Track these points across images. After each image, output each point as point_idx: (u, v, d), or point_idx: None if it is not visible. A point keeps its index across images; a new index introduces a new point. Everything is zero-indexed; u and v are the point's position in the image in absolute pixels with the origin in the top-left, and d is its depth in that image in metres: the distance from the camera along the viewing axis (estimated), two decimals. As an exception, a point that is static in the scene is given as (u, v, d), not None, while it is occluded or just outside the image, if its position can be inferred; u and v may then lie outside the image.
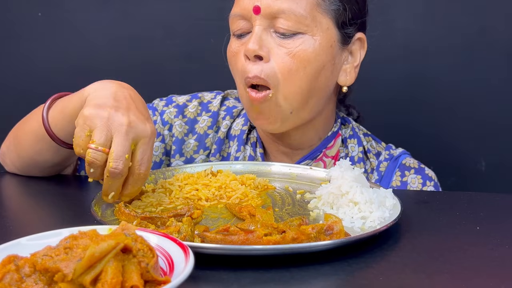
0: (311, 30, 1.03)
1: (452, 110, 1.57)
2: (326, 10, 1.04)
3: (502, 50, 1.52)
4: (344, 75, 1.11)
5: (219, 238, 0.71)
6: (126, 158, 0.81)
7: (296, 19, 1.02)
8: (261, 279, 0.66)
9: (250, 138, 1.20)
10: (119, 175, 0.82)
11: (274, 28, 1.04)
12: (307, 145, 1.16)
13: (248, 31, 1.06)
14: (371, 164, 1.18)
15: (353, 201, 0.86)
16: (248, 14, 1.04)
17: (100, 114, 0.84)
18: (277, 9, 1.02)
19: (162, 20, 1.64)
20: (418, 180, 1.15)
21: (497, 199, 1.02)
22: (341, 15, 1.06)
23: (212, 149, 1.20)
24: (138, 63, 1.65)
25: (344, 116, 1.23)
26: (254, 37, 1.03)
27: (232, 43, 1.09)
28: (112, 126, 0.82)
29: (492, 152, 1.57)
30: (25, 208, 0.99)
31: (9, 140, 1.12)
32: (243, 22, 1.06)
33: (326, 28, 1.05)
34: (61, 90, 1.63)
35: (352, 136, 1.19)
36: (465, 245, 0.78)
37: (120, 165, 0.81)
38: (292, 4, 1.02)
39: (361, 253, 0.73)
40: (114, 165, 0.81)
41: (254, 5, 1.03)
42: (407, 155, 1.20)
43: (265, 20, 1.03)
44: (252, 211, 0.83)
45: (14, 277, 0.55)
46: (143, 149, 0.84)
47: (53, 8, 1.65)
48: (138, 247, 0.57)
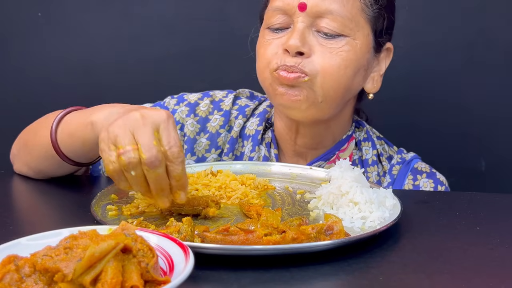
0: (353, 33, 1.04)
1: (452, 110, 1.57)
2: (368, 16, 1.06)
3: (502, 50, 1.52)
4: (371, 83, 1.13)
5: (219, 238, 0.71)
6: (155, 145, 0.78)
7: (342, 21, 1.03)
8: (261, 279, 0.66)
9: (265, 138, 1.20)
10: (156, 163, 0.77)
11: (316, 27, 1.04)
12: (322, 146, 1.17)
13: (286, 26, 1.06)
14: (383, 167, 1.19)
15: (353, 201, 0.86)
16: (292, 9, 1.04)
17: (114, 126, 0.81)
18: (325, 9, 1.02)
19: (162, 20, 1.64)
20: (430, 184, 1.16)
21: (497, 199, 1.02)
22: (380, 23, 1.08)
23: (225, 148, 1.20)
24: (138, 63, 1.65)
25: (358, 119, 1.24)
26: (296, 32, 1.03)
27: (265, 35, 1.09)
28: (130, 126, 0.80)
29: (492, 152, 1.57)
30: (25, 208, 0.99)
31: (19, 144, 1.12)
32: (283, 17, 1.06)
33: (367, 34, 1.06)
34: (61, 90, 1.64)
35: (367, 139, 1.20)
36: (465, 245, 0.78)
37: (153, 151, 0.77)
38: (340, 6, 1.03)
39: (361, 253, 0.73)
40: (148, 155, 0.77)
41: (300, 2, 1.03)
42: (418, 159, 1.21)
43: (308, 18, 1.03)
44: (259, 211, 0.83)
45: (14, 277, 0.55)
46: (166, 132, 0.81)
47: (53, 8, 1.65)
48: (138, 247, 0.57)
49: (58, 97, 1.61)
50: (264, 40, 1.09)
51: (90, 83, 1.66)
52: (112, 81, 1.65)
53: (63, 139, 0.98)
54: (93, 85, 1.66)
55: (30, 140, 1.08)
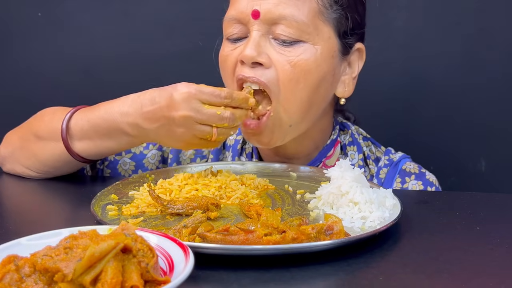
0: (312, 38, 0.99)
1: (452, 110, 1.56)
2: (328, 18, 1.01)
3: (502, 50, 1.52)
4: (342, 87, 1.08)
5: (219, 238, 0.71)
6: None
7: (297, 26, 0.98)
8: (261, 279, 0.66)
9: (245, 148, 1.18)
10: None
11: (273, 35, 0.99)
12: (304, 154, 1.14)
13: (243, 36, 1.02)
14: (370, 170, 1.16)
15: (353, 201, 0.86)
16: (246, 18, 1.00)
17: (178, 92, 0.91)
18: (278, 14, 0.97)
19: (162, 20, 1.64)
20: (419, 186, 1.13)
21: (497, 199, 1.02)
22: (343, 24, 1.03)
23: (209, 158, 1.19)
24: (138, 62, 1.65)
25: (342, 121, 1.21)
26: (251, 42, 0.98)
27: (225, 46, 1.05)
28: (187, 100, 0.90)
29: (492, 152, 1.57)
30: (25, 208, 0.99)
31: (13, 147, 1.10)
32: (239, 26, 1.02)
33: (328, 37, 1.01)
34: (61, 89, 1.64)
35: (352, 142, 1.17)
36: (465, 245, 0.78)
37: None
38: (294, 11, 0.97)
39: (361, 253, 0.73)
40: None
41: (253, 9, 0.98)
42: (407, 159, 1.17)
43: (263, 25, 0.99)
44: (259, 211, 0.83)
45: (14, 277, 0.55)
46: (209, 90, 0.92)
47: (53, 8, 1.65)
48: (138, 247, 0.57)
49: (58, 97, 1.61)
50: (223, 52, 1.05)
51: (90, 83, 1.66)
52: (112, 80, 1.65)
53: (78, 135, 1.00)
54: (93, 85, 1.66)
55: (32, 145, 1.06)
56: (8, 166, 1.12)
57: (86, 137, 1.00)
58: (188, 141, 0.94)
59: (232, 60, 1.02)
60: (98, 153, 1.03)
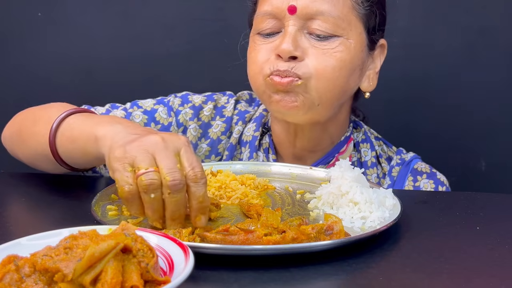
0: (346, 33, 1.02)
1: (452, 110, 1.57)
2: (359, 14, 1.04)
3: (502, 50, 1.52)
4: (367, 81, 1.11)
5: (219, 238, 0.71)
6: (178, 168, 0.75)
7: (333, 22, 1.01)
8: (261, 279, 0.66)
9: (262, 144, 1.19)
10: (180, 186, 0.74)
11: (308, 30, 1.02)
12: (320, 148, 1.16)
13: (277, 30, 1.04)
14: (382, 169, 1.18)
15: (353, 201, 0.86)
16: (281, 13, 1.02)
17: (132, 146, 0.77)
18: (315, 10, 1.00)
19: (162, 20, 1.64)
20: (431, 185, 1.15)
21: (497, 199, 1.02)
22: (372, 20, 1.06)
23: (224, 155, 1.20)
24: (138, 63, 1.65)
25: (356, 120, 1.23)
26: (288, 37, 1.01)
27: (256, 40, 1.07)
28: (149, 148, 0.76)
29: (492, 152, 1.57)
30: (25, 208, 0.99)
31: (13, 129, 1.10)
32: (273, 21, 1.04)
33: (359, 33, 1.05)
34: (61, 90, 1.64)
35: (365, 140, 1.19)
36: (465, 245, 0.78)
37: (177, 174, 0.74)
38: (331, 6, 1.01)
39: (361, 253, 0.73)
40: (171, 177, 0.73)
41: (290, 5, 1.01)
42: (418, 159, 1.20)
43: (299, 20, 1.01)
44: (259, 211, 0.83)
45: (14, 277, 0.55)
46: (187, 155, 0.77)
47: (53, 8, 1.65)
48: (138, 247, 0.57)
49: (58, 97, 1.60)
50: (255, 46, 1.07)
51: (91, 83, 1.66)
52: (112, 81, 1.65)
53: (63, 143, 0.94)
54: (93, 85, 1.66)
55: (26, 130, 1.05)
56: (8, 148, 1.12)
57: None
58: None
59: (264, 54, 1.04)
60: (70, 157, 0.97)
